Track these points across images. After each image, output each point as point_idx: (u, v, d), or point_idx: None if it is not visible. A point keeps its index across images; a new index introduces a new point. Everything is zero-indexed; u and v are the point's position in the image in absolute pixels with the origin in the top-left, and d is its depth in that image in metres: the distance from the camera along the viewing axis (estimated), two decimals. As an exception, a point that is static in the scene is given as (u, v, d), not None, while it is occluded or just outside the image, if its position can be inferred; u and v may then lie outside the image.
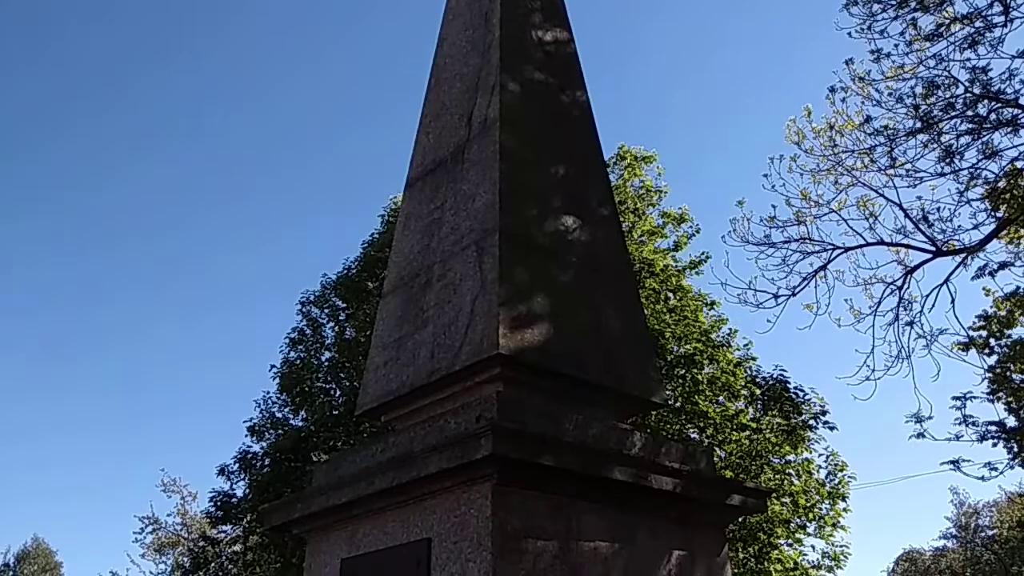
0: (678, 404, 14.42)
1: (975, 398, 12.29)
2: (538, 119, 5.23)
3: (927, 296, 10.18)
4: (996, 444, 12.37)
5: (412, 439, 4.11)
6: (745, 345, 16.38)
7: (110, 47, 75.56)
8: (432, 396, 4.60)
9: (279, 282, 68.07)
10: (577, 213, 5.06)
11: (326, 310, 18.03)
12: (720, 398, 15.09)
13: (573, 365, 4.47)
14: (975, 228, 10.10)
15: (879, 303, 10.46)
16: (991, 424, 12.30)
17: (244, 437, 17.03)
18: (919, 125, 9.96)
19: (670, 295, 15.95)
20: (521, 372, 4.30)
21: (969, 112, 9.70)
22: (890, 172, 10.42)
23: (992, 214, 10.19)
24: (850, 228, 10.84)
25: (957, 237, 10.23)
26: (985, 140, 9.67)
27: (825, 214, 10.98)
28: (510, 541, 3.47)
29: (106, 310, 71.70)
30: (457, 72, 5.55)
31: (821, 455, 15.77)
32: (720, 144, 71.53)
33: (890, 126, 10.27)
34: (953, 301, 10.07)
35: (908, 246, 10.62)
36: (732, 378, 15.10)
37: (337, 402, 16.55)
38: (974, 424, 12.12)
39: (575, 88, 5.67)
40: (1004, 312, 12.51)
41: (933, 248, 10.35)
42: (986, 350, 12.65)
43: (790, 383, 15.66)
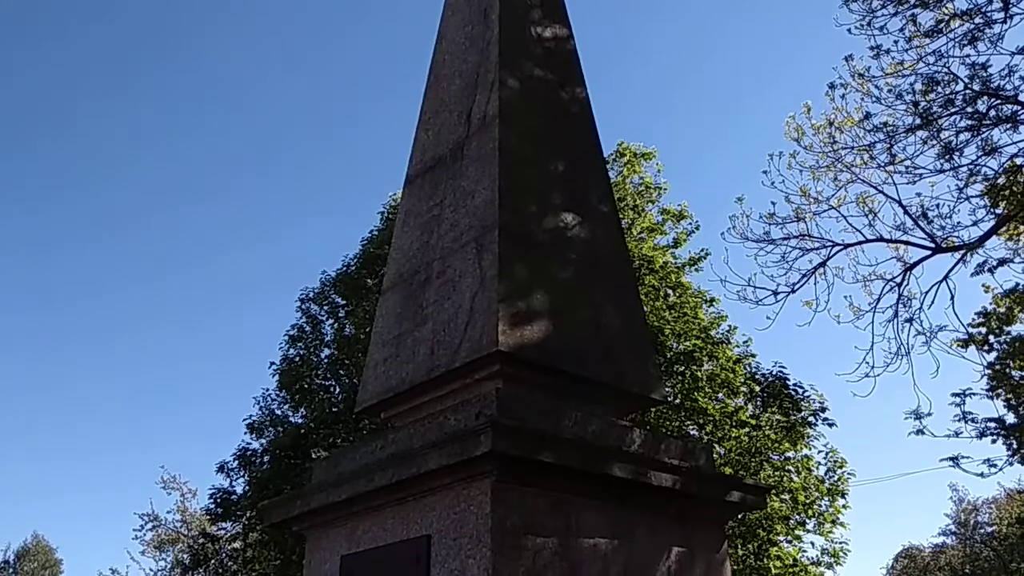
0: (677, 401, 14.44)
1: (974, 395, 12.34)
2: (537, 116, 5.22)
3: (926, 293, 10.19)
4: (995, 440, 12.43)
5: (412, 436, 4.10)
6: (744, 342, 16.43)
7: (110, 43, 75.53)
8: (432, 393, 4.59)
9: (279, 279, 68.27)
10: (577, 210, 5.06)
11: (325, 307, 18.03)
12: (719, 395, 15.11)
13: (573, 362, 4.47)
14: (974, 224, 10.11)
15: (878, 300, 10.46)
16: (990, 421, 12.35)
17: (244, 434, 17.07)
18: (919, 121, 9.95)
19: (669, 292, 15.96)
20: (520, 369, 4.29)
21: (969, 108, 9.69)
22: (889, 169, 10.42)
23: (991, 210, 10.20)
24: (849, 225, 10.84)
25: (956, 234, 10.24)
26: (985, 136, 9.66)
27: (824, 211, 10.98)
28: (510, 538, 3.48)
29: (107, 307, 71.83)
30: (456, 69, 5.53)
31: (820, 452, 15.83)
32: (719, 141, 71.59)
33: (890, 122, 10.27)
34: (952, 298, 10.08)
35: (907, 243, 10.62)
36: (731, 375, 15.12)
37: (337, 399, 16.56)
38: (973, 421, 12.17)
39: (574, 84, 5.66)
40: (1003, 309, 12.54)
41: (932, 245, 10.35)
42: (985, 347, 12.69)
43: (789, 380, 15.71)
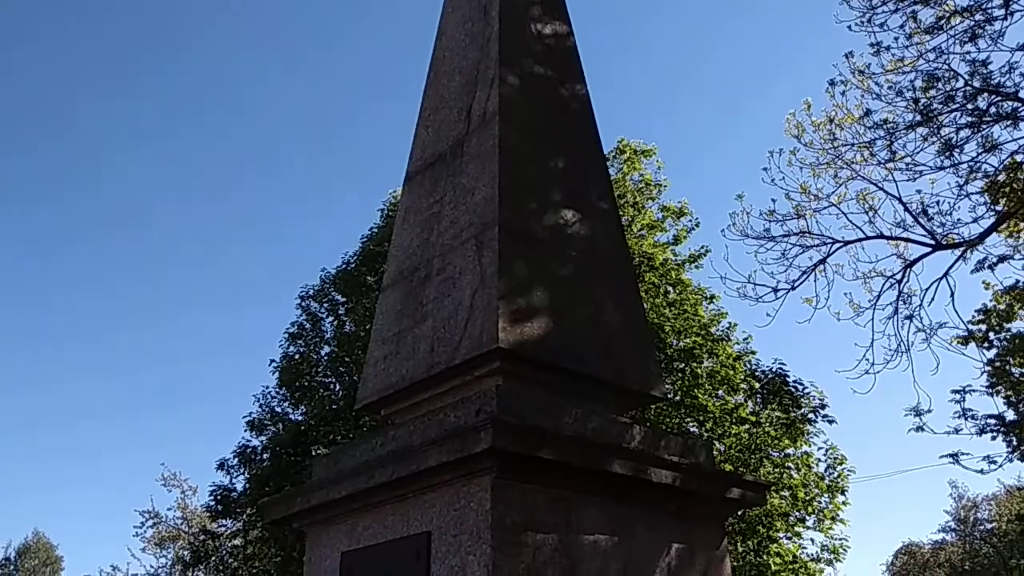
0: (677, 398, 14.45)
1: (974, 392, 12.31)
2: (538, 112, 5.21)
3: (926, 290, 10.16)
4: (995, 437, 12.41)
5: (412, 433, 4.11)
6: (744, 339, 16.44)
7: (110, 43, 75.47)
8: (432, 390, 4.59)
9: (279, 277, 68.35)
10: (577, 207, 5.05)
11: (325, 304, 18.04)
12: (719, 392, 15.13)
13: (572, 359, 4.47)
14: (975, 222, 10.08)
15: (878, 297, 10.45)
16: (990, 418, 12.33)
17: (244, 431, 17.09)
18: (919, 118, 9.93)
19: (670, 289, 15.97)
20: (520, 366, 4.29)
21: (969, 105, 9.67)
22: (890, 166, 10.40)
23: (992, 208, 10.18)
24: (849, 222, 10.83)
25: (956, 231, 10.22)
26: (985, 133, 9.64)
27: (825, 208, 10.96)
28: (509, 534, 3.48)
29: (107, 305, 71.75)
30: (456, 66, 5.53)
31: (820, 448, 15.87)
32: (719, 138, 71.54)
33: (890, 119, 10.24)
34: (952, 295, 10.06)
35: (907, 240, 10.60)
36: (731, 372, 15.13)
37: (337, 396, 16.57)
38: (973, 418, 12.14)
39: (575, 82, 5.65)
40: (1003, 306, 12.52)
41: (933, 242, 10.33)
42: (985, 344, 12.67)
43: (789, 377, 15.73)
